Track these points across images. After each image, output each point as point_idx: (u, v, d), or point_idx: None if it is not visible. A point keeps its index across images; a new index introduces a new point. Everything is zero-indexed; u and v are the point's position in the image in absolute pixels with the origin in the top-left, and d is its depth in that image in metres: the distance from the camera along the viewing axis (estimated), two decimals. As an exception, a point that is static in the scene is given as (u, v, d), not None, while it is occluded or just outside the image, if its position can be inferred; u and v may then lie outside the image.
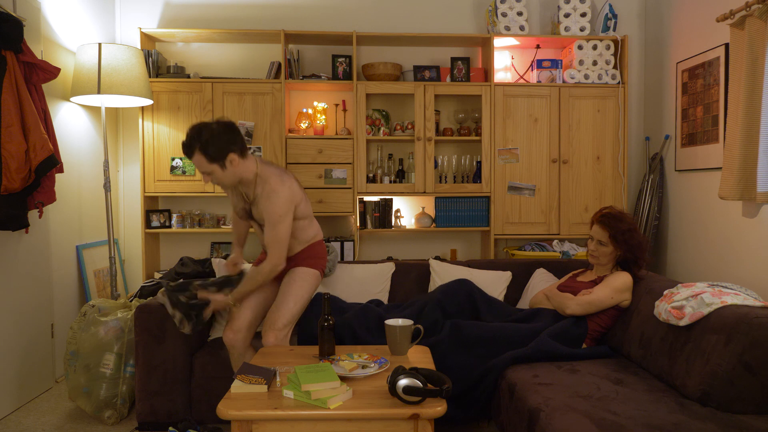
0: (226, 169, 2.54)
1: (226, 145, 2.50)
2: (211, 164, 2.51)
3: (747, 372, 2.01)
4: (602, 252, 2.82)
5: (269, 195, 2.58)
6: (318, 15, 4.30)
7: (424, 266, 3.49)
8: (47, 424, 2.92)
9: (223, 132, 2.50)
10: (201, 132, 2.48)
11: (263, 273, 2.63)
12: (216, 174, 2.54)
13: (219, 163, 2.51)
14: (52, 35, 3.50)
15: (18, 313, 3.13)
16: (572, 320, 2.73)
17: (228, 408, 1.86)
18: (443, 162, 4.18)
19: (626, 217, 2.82)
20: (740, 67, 2.91)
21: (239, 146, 2.54)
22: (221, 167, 2.52)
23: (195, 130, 2.49)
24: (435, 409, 1.84)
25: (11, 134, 2.82)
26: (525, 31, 4.10)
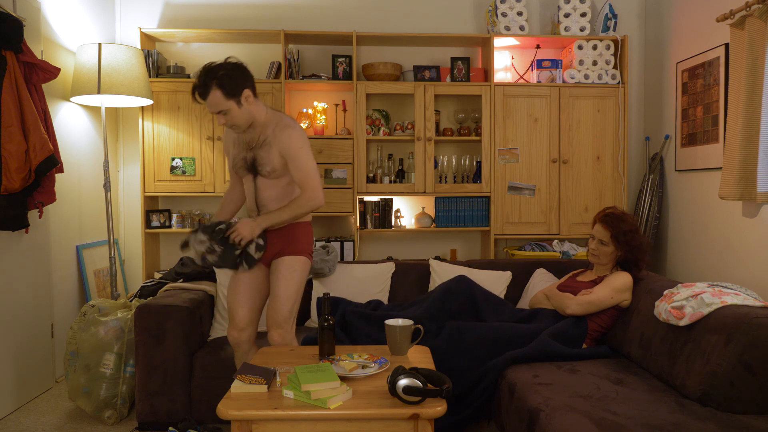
0: (242, 107, 2.45)
1: (242, 80, 2.44)
2: (228, 101, 2.42)
3: (747, 372, 2.01)
4: (603, 251, 2.82)
5: (284, 130, 2.51)
6: (318, 15, 4.30)
7: (424, 266, 3.50)
8: (47, 424, 2.92)
9: (237, 68, 2.45)
10: (215, 69, 2.41)
11: (299, 205, 2.53)
12: (232, 112, 2.44)
13: (236, 99, 2.43)
14: (52, 35, 3.50)
15: (18, 313, 3.13)
16: (572, 320, 2.73)
17: (228, 408, 1.86)
18: (443, 162, 4.18)
19: (628, 218, 2.82)
20: (740, 67, 2.91)
21: (252, 84, 2.49)
22: (237, 104, 2.44)
23: (208, 68, 2.42)
24: (435, 409, 1.84)
25: (11, 134, 2.82)
26: (525, 31, 4.10)
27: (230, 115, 2.46)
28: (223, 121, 2.48)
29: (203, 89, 2.41)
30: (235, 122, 2.48)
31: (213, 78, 2.39)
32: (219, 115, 2.46)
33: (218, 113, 2.45)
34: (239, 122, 2.49)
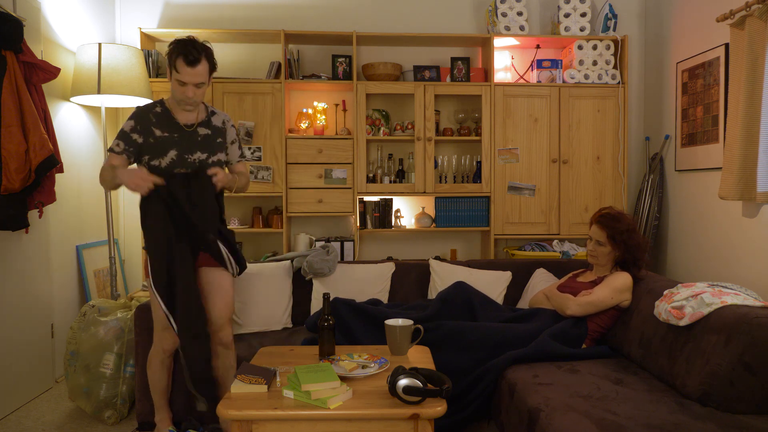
0: (208, 85, 2.50)
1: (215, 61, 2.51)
2: (209, 75, 2.45)
3: (747, 372, 2.01)
4: (601, 252, 2.82)
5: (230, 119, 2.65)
6: (318, 15, 4.30)
7: (424, 266, 3.49)
8: (47, 424, 2.92)
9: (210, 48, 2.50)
10: (201, 43, 2.43)
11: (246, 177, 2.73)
12: (204, 88, 2.46)
13: (210, 76, 2.48)
14: (52, 35, 3.50)
15: (18, 313, 3.13)
16: (572, 320, 2.73)
17: (228, 408, 1.86)
18: (443, 162, 4.18)
19: (625, 217, 2.82)
20: (740, 67, 2.91)
21: None
22: (209, 82, 2.48)
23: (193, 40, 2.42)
24: (435, 409, 1.84)
25: (11, 134, 2.82)
26: (525, 31, 4.10)
27: (201, 90, 2.45)
28: (192, 93, 2.42)
29: (197, 57, 2.38)
30: (200, 98, 2.49)
31: (203, 50, 2.42)
32: (191, 87, 2.41)
33: (195, 85, 2.41)
34: (200, 99, 2.50)
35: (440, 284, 3.31)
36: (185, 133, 2.50)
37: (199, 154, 2.52)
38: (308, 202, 4.02)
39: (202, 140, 2.53)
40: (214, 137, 2.56)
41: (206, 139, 2.54)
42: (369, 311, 2.81)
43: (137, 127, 2.45)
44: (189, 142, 2.50)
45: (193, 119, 2.54)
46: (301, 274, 3.35)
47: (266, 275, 3.26)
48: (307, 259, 3.32)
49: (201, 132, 2.54)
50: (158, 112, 2.50)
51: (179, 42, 2.40)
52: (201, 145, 2.52)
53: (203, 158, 2.52)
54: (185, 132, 2.51)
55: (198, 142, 2.52)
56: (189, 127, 2.52)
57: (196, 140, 2.52)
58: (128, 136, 2.45)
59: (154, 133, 2.46)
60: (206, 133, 2.55)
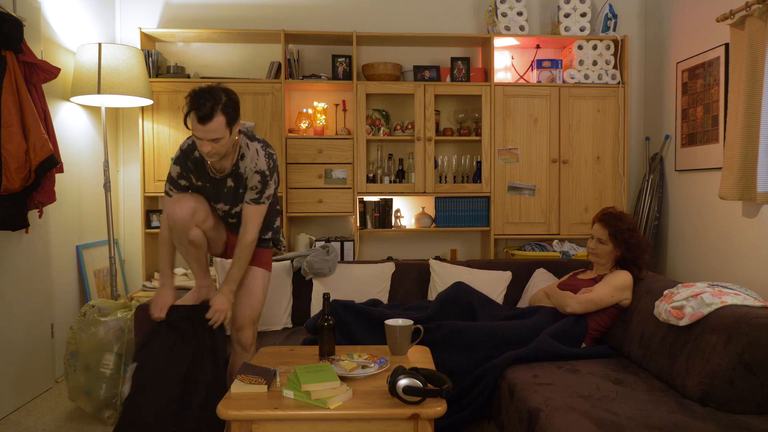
0: (231, 136, 2.32)
1: (238, 109, 2.33)
2: (226, 129, 2.26)
3: (747, 372, 2.01)
4: (602, 250, 2.83)
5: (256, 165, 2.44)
6: (318, 15, 4.30)
7: (424, 266, 3.49)
8: (47, 424, 2.92)
9: (234, 95, 2.32)
10: (218, 93, 2.25)
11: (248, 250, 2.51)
12: (224, 140, 2.28)
13: (231, 127, 2.29)
14: (52, 35, 3.50)
15: (18, 313, 3.13)
16: (572, 320, 2.73)
17: (228, 408, 1.86)
18: (443, 162, 4.18)
19: (627, 217, 2.84)
20: (740, 67, 2.91)
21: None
22: (230, 133, 2.30)
23: (209, 91, 2.24)
24: (435, 409, 1.84)
25: (11, 134, 2.82)
26: (525, 31, 4.10)
27: (220, 144, 2.29)
28: (209, 149, 2.27)
29: (209, 113, 2.21)
30: (220, 151, 2.32)
31: (219, 102, 2.24)
32: (207, 141, 2.26)
33: (210, 140, 2.26)
34: (224, 151, 2.34)
35: (440, 284, 3.31)
36: (214, 184, 2.51)
37: (222, 204, 2.55)
38: (308, 202, 4.02)
39: (227, 192, 2.52)
40: (237, 188, 2.51)
41: (230, 191, 2.52)
42: (368, 312, 2.81)
43: (182, 173, 2.52)
44: (216, 192, 2.52)
45: (225, 165, 2.45)
46: (301, 274, 3.36)
47: (266, 275, 3.26)
48: (307, 259, 3.32)
49: (228, 183, 2.50)
50: (196, 159, 2.48)
51: (194, 93, 2.25)
52: (226, 196, 2.53)
53: (227, 209, 2.56)
54: (214, 182, 2.51)
55: (223, 194, 2.52)
56: (218, 177, 2.49)
57: (222, 192, 2.52)
58: (177, 183, 2.54)
59: (192, 180, 2.53)
60: (230, 186, 2.51)
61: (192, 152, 2.47)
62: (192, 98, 2.25)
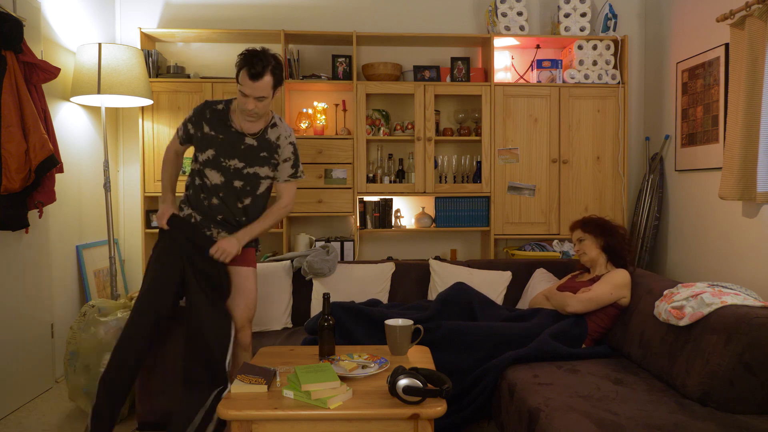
0: (272, 98, 2.47)
1: (282, 76, 2.49)
2: (271, 90, 2.42)
3: (747, 372, 2.02)
4: (585, 246, 2.94)
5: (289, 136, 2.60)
6: (318, 15, 4.30)
7: (424, 266, 3.49)
8: (47, 424, 2.92)
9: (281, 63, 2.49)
10: (270, 56, 2.41)
11: (278, 213, 2.62)
12: (267, 101, 2.43)
13: (275, 89, 2.45)
14: (52, 35, 3.50)
15: (18, 313, 3.13)
16: (572, 320, 2.73)
17: (228, 408, 1.86)
18: (443, 162, 4.18)
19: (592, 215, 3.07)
20: (740, 67, 2.91)
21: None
22: (273, 95, 2.45)
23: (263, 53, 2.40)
24: (435, 409, 1.84)
25: (11, 134, 2.82)
26: (525, 31, 4.10)
27: (263, 104, 2.43)
28: (252, 106, 2.41)
29: (261, 71, 2.36)
30: (262, 112, 2.46)
31: (269, 64, 2.39)
32: (252, 99, 2.40)
33: (256, 98, 2.40)
34: (263, 112, 2.48)
35: (440, 284, 3.31)
36: (231, 137, 2.51)
37: (236, 161, 2.52)
38: (308, 202, 4.02)
39: (245, 149, 2.52)
40: (258, 150, 2.54)
41: (249, 149, 2.52)
42: (368, 313, 2.81)
43: (193, 118, 2.55)
44: (230, 147, 2.51)
45: (254, 128, 2.54)
46: (301, 274, 3.36)
47: (266, 275, 3.26)
48: (307, 259, 3.32)
49: (248, 141, 2.52)
50: (217, 110, 2.54)
51: (247, 52, 2.40)
52: (241, 153, 2.52)
53: (239, 167, 2.53)
54: (232, 135, 2.51)
55: (240, 150, 2.51)
56: (239, 132, 2.52)
57: (238, 147, 2.51)
58: (185, 125, 2.58)
59: (203, 129, 2.52)
60: (251, 144, 2.53)
61: (215, 105, 2.55)
62: (246, 56, 2.38)
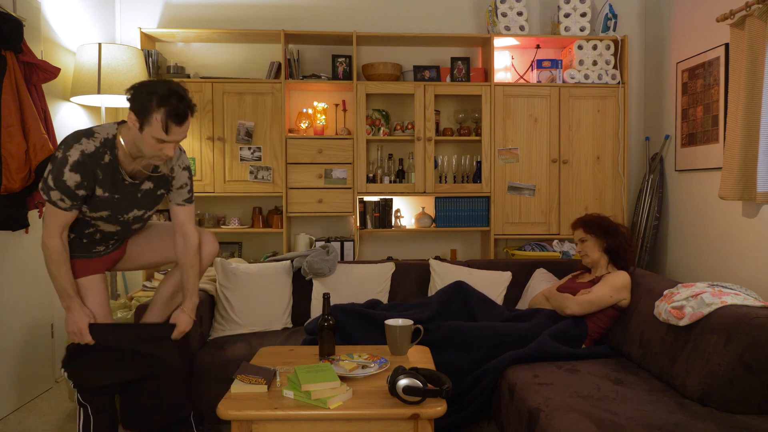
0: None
1: None
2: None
3: (747, 372, 2.02)
4: (587, 247, 2.91)
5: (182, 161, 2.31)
6: (318, 15, 4.30)
7: (424, 266, 3.49)
8: (47, 424, 2.92)
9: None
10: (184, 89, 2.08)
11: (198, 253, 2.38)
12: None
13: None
14: (52, 35, 3.50)
15: (18, 313, 3.13)
16: (572, 320, 2.73)
17: (228, 408, 1.86)
18: (443, 162, 4.18)
19: (595, 213, 3.02)
20: (740, 67, 2.91)
21: None
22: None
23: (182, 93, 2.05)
24: (435, 409, 1.84)
25: (11, 134, 2.82)
26: (525, 31, 4.10)
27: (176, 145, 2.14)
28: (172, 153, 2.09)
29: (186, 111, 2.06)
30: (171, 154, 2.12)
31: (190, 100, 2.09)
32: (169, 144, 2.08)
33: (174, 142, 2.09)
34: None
35: (440, 284, 3.31)
36: (127, 192, 2.21)
37: (135, 211, 2.27)
38: (308, 202, 4.02)
39: (142, 196, 2.26)
40: (155, 190, 2.29)
41: (146, 194, 2.27)
42: (368, 315, 2.81)
43: (83, 183, 2.09)
44: (128, 201, 2.22)
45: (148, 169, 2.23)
46: (301, 274, 3.36)
47: (266, 275, 3.26)
48: (307, 259, 3.32)
49: (145, 186, 2.25)
50: (105, 165, 2.12)
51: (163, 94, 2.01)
52: (140, 201, 2.26)
53: (139, 215, 2.29)
54: (128, 190, 2.21)
55: (137, 199, 2.25)
56: (135, 183, 2.21)
57: (135, 197, 2.24)
58: (74, 193, 2.08)
59: (95, 191, 2.14)
60: (148, 188, 2.26)
61: (100, 160, 2.10)
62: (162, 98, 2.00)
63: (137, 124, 2.04)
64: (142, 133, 2.04)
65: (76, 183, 2.07)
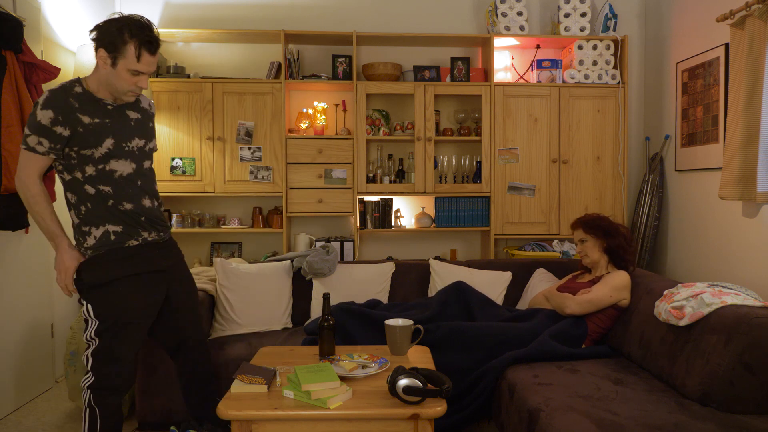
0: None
1: None
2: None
3: (747, 372, 2.01)
4: (587, 248, 2.91)
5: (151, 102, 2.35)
6: (318, 15, 4.30)
7: (424, 266, 3.49)
8: (47, 424, 2.92)
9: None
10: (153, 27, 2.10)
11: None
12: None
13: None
14: (52, 35, 3.50)
15: (18, 313, 3.13)
16: (572, 320, 2.73)
17: (228, 408, 1.86)
18: (443, 162, 4.18)
19: (594, 213, 3.01)
20: (740, 67, 2.91)
21: None
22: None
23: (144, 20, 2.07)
24: (435, 409, 1.84)
25: (11, 134, 2.83)
26: (525, 31, 4.10)
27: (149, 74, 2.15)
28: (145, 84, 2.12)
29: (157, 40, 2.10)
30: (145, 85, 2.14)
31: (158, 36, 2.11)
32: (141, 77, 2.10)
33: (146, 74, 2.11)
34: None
35: (440, 284, 3.31)
36: (116, 117, 2.16)
37: (137, 140, 2.21)
38: (308, 202, 4.02)
39: (135, 124, 2.21)
40: (146, 121, 2.27)
41: (139, 123, 2.23)
42: (368, 315, 2.81)
43: (59, 117, 2.03)
44: (123, 126, 2.16)
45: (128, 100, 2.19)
46: (301, 274, 3.36)
47: (266, 275, 3.26)
48: (307, 259, 3.32)
49: (132, 116, 2.21)
50: (78, 94, 2.09)
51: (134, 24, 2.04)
52: (136, 129, 2.21)
53: (141, 145, 2.23)
54: (116, 115, 2.15)
55: (131, 127, 2.20)
56: (117, 108, 2.17)
57: (129, 124, 2.19)
58: (50, 131, 2.03)
59: (82, 121, 2.07)
60: (137, 117, 2.23)
61: (71, 89, 2.09)
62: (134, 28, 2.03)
63: (109, 60, 2.04)
64: (116, 68, 2.05)
65: (50, 119, 2.02)
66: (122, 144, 2.16)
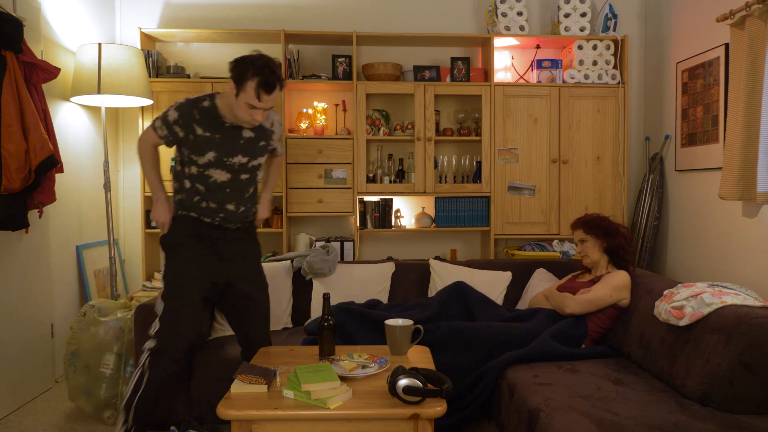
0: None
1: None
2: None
3: (747, 372, 2.01)
4: (587, 248, 2.91)
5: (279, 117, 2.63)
6: (318, 15, 4.30)
7: (424, 266, 3.49)
8: (47, 424, 2.92)
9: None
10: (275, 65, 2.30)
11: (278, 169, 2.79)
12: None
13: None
14: (52, 35, 3.50)
15: (18, 313, 3.13)
16: (572, 320, 2.73)
17: (228, 408, 1.86)
18: (443, 162, 4.18)
19: (594, 213, 3.01)
20: (740, 67, 2.91)
21: None
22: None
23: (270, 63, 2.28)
24: (435, 409, 1.84)
25: (11, 134, 2.82)
26: (525, 31, 4.10)
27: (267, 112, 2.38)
28: (262, 118, 2.36)
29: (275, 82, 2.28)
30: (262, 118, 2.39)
31: (280, 74, 2.31)
32: (259, 111, 2.33)
33: (264, 110, 2.34)
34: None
35: (440, 284, 3.31)
36: (228, 134, 2.43)
37: (240, 157, 2.46)
38: (308, 202, 4.02)
39: (244, 143, 2.47)
40: (257, 140, 2.50)
41: (249, 142, 2.48)
42: (368, 315, 2.81)
43: (180, 121, 2.40)
44: (231, 143, 2.43)
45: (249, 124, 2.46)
46: (301, 274, 3.36)
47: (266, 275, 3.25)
48: (307, 259, 3.32)
49: (245, 135, 2.47)
50: (204, 108, 2.41)
51: (257, 63, 2.27)
52: (243, 147, 2.46)
53: (243, 162, 2.48)
54: (228, 132, 2.43)
55: (240, 145, 2.46)
56: (233, 126, 2.43)
57: (238, 142, 2.45)
58: (171, 127, 2.42)
59: (195, 131, 2.40)
60: (250, 137, 2.48)
61: (199, 103, 2.41)
62: (257, 68, 2.26)
63: (234, 91, 2.32)
64: (237, 99, 2.32)
65: (174, 119, 2.40)
66: (224, 158, 2.44)
